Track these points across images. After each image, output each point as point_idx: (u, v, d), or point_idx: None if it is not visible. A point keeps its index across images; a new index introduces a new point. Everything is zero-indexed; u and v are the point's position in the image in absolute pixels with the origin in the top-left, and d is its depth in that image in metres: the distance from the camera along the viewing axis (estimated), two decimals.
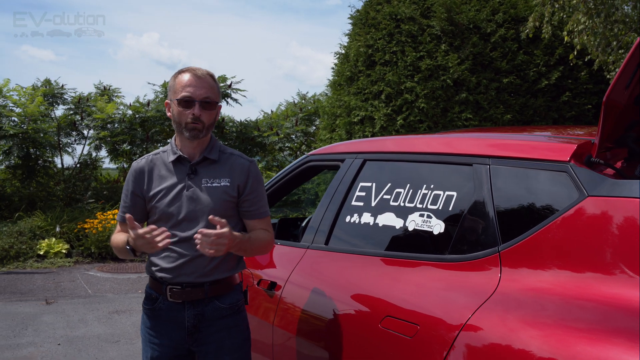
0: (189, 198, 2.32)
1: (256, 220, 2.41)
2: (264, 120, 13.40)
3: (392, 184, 2.48)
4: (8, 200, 11.37)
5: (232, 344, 2.37)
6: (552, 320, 1.64)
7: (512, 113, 7.75)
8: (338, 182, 2.74)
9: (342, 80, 9.01)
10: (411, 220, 2.31)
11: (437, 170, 2.33)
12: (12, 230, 9.52)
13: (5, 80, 11.37)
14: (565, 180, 1.82)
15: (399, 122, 7.96)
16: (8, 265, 8.87)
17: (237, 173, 2.38)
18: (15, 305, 6.60)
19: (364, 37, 8.57)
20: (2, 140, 11.00)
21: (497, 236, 1.94)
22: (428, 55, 7.98)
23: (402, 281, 2.18)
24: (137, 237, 2.14)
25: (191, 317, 2.33)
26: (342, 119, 8.73)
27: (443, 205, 2.21)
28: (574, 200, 1.77)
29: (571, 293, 1.67)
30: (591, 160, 1.80)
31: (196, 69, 2.35)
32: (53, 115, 12.08)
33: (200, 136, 2.32)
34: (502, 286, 1.84)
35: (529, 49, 7.89)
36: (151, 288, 2.41)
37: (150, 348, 2.39)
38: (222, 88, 12.22)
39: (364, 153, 2.73)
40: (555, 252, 1.77)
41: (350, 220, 2.59)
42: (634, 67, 1.61)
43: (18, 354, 4.95)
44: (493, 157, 2.09)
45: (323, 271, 2.61)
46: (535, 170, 1.93)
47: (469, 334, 1.80)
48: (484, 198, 2.04)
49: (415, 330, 1.97)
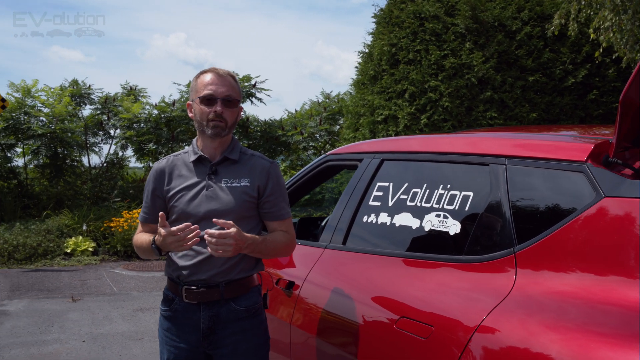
0: (209, 197, 2.32)
1: (277, 222, 2.41)
2: (288, 119, 13.44)
3: (409, 183, 2.46)
4: (36, 198, 11.58)
5: (248, 348, 2.35)
6: (569, 323, 1.61)
7: (537, 112, 7.66)
8: (356, 181, 2.73)
9: (365, 79, 8.99)
10: (427, 220, 2.29)
11: (454, 170, 2.30)
12: (40, 228, 9.69)
13: (33, 81, 11.57)
14: (582, 180, 1.79)
15: (422, 121, 7.92)
16: (36, 262, 9.03)
17: (257, 174, 2.38)
18: (42, 303, 6.71)
19: (387, 36, 8.54)
20: (31, 140, 11.20)
21: (513, 237, 1.91)
22: (452, 53, 7.92)
23: (418, 282, 2.16)
24: (168, 234, 2.14)
25: (206, 319, 2.32)
26: (365, 118, 8.71)
27: (459, 205, 2.19)
28: (590, 201, 1.74)
29: (587, 295, 1.64)
30: (609, 161, 1.76)
31: (218, 69, 2.37)
32: (80, 115, 12.27)
33: (222, 134, 2.33)
34: (517, 288, 1.81)
35: (555, 46, 7.78)
36: (168, 289, 2.42)
37: (167, 350, 2.40)
38: (246, 87, 12.27)
39: (382, 153, 2.71)
40: (571, 253, 1.74)
41: (368, 220, 2.57)
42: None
43: (44, 351, 5.03)
44: (510, 157, 2.06)
45: (340, 271, 2.60)
46: (551, 171, 1.90)
47: (483, 335, 1.78)
48: (500, 198, 2.01)
49: (429, 332, 1.96)
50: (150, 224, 2.42)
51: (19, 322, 5.88)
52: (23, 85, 11.40)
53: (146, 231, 2.43)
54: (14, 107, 11.09)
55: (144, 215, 2.44)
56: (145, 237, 2.36)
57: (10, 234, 9.41)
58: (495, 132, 2.55)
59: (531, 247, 1.84)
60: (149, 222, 2.43)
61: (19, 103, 11.23)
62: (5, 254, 8.97)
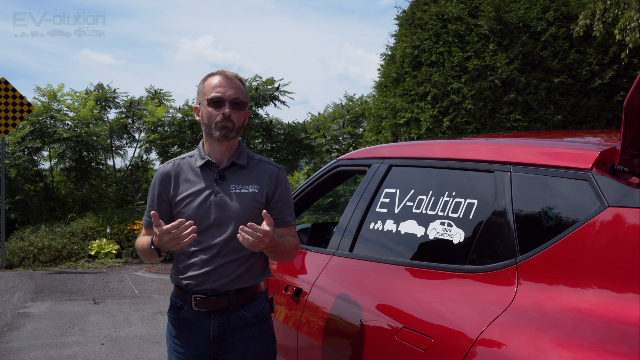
0: (217, 204, 2.29)
1: (284, 229, 2.38)
2: (312, 122, 13.41)
3: (415, 190, 2.41)
4: (62, 201, 11.74)
5: (257, 353, 2.35)
6: (569, 338, 1.55)
7: (563, 114, 7.50)
8: (364, 187, 2.69)
9: (388, 81, 8.91)
10: (432, 228, 2.24)
11: (459, 177, 2.25)
12: (65, 231, 9.81)
13: (59, 85, 11.75)
14: (587, 189, 1.72)
15: (445, 124, 7.81)
16: (60, 265, 9.14)
17: (266, 180, 2.35)
18: (64, 305, 6.77)
19: (410, 37, 8.45)
20: (57, 144, 11.36)
21: (516, 247, 1.85)
22: (475, 55, 7.80)
23: (420, 292, 2.12)
24: (162, 233, 2.11)
25: (216, 326, 2.31)
26: (387, 120, 8.63)
27: (464, 213, 2.13)
28: (594, 210, 1.67)
29: (588, 308, 1.57)
30: (615, 168, 1.69)
31: (226, 72, 2.35)
32: (106, 119, 12.41)
33: (230, 136, 2.29)
34: (517, 299, 1.76)
35: (582, 47, 7.61)
36: (176, 297, 2.40)
37: (176, 357, 2.38)
38: (269, 91, 12.28)
39: (390, 158, 2.67)
40: (573, 265, 1.67)
41: (375, 227, 2.53)
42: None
43: (63, 353, 5.06)
44: (514, 163, 1.99)
45: (346, 279, 2.56)
46: (556, 179, 1.84)
47: (481, 348, 1.73)
48: (504, 207, 1.95)
49: (429, 344, 1.91)
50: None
51: (40, 324, 5.94)
52: (49, 89, 11.57)
53: (149, 235, 2.39)
54: (40, 111, 11.26)
55: (147, 220, 2.41)
56: (146, 239, 2.33)
57: (35, 236, 9.54)
58: (503, 137, 2.48)
59: (533, 257, 1.78)
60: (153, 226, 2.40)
61: (45, 107, 11.40)
62: (30, 256, 9.10)
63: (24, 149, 11.39)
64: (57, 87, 11.68)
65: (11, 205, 10.49)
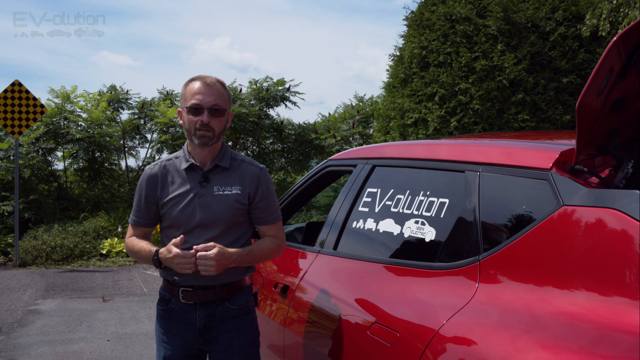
0: (202, 206, 2.36)
1: (266, 226, 2.46)
2: (322, 122, 13.46)
3: (394, 190, 2.47)
4: (75, 201, 11.88)
5: (242, 344, 2.42)
6: (520, 330, 1.59)
7: (571, 114, 7.46)
8: (349, 187, 2.76)
9: (396, 82, 8.92)
10: (407, 227, 2.29)
11: (434, 177, 2.30)
12: (77, 230, 9.93)
13: (72, 87, 11.91)
14: (546, 188, 1.75)
15: (452, 124, 7.81)
16: (73, 263, 9.25)
17: (247, 181, 2.41)
18: (74, 302, 6.87)
19: (418, 38, 8.46)
20: (70, 144, 11.51)
21: (480, 245, 1.90)
22: (483, 55, 7.80)
23: (393, 289, 2.17)
24: (177, 256, 2.21)
25: (202, 318, 2.38)
26: (395, 121, 8.65)
27: (436, 212, 2.18)
28: (550, 209, 1.70)
29: (540, 304, 1.61)
30: (575, 169, 1.72)
31: (206, 77, 2.38)
32: (119, 120, 12.54)
33: (210, 143, 2.35)
34: (477, 295, 1.80)
35: (591, 47, 7.58)
36: (164, 290, 2.48)
37: (164, 348, 2.45)
38: (280, 91, 12.35)
39: (374, 159, 2.72)
40: (530, 263, 1.71)
41: (357, 226, 2.59)
42: (606, 72, 1.52)
43: (69, 349, 5.15)
44: (484, 164, 2.03)
45: (328, 276, 2.62)
46: (520, 178, 1.87)
47: (440, 342, 1.78)
48: (472, 206, 1.99)
49: (395, 338, 1.97)
50: (143, 227, 2.49)
51: (49, 321, 6.03)
52: (62, 91, 11.72)
53: (137, 234, 2.49)
54: (54, 112, 11.42)
55: (135, 219, 2.49)
56: (142, 245, 2.41)
57: (48, 235, 9.67)
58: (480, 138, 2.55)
59: (493, 255, 1.82)
60: (141, 225, 2.48)
61: (59, 108, 11.56)
62: (43, 255, 9.23)
63: (38, 149, 11.54)
64: (71, 89, 11.85)
65: (25, 205, 10.64)
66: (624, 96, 1.63)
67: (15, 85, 9.02)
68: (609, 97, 1.59)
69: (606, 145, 1.72)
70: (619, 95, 1.62)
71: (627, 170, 1.62)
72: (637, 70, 1.58)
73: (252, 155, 12.96)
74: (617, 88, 1.59)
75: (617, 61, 1.52)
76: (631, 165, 1.62)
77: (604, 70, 1.52)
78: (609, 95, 1.59)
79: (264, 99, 12.27)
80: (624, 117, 1.68)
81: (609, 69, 1.52)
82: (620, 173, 1.64)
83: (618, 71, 1.54)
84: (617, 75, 1.56)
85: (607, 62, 1.50)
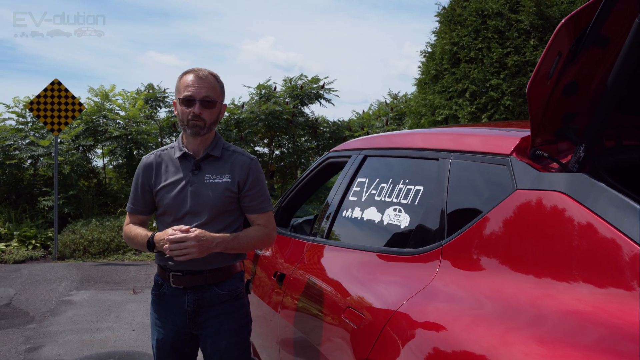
0: (193, 193, 2.43)
1: (256, 215, 2.51)
2: (356, 120, 13.47)
3: (379, 179, 2.50)
4: (114, 197, 12.17)
5: (230, 329, 2.48)
6: (471, 312, 1.61)
7: None
8: (342, 177, 2.81)
9: (427, 78, 8.86)
10: (387, 214, 2.32)
11: (413, 165, 2.33)
12: (114, 224, 10.17)
13: (111, 85, 12.21)
14: (505, 173, 1.76)
15: (483, 121, 7.72)
16: (109, 257, 9.49)
17: (237, 170, 2.48)
18: (105, 294, 7.05)
19: (449, 34, 8.38)
20: (108, 142, 11.79)
21: (445, 230, 1.92)
22: (515, 51, 7.68)
23: (367, 274, 2.21)
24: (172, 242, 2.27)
25: (191, 302, 2.46)
26: (426, 118, 8.59)
27: (411, 199, 2.21)
28: (506, 194, 1.70)
29: (494, 288, 1.61)
30: (536, 154, 1.70)
31: (199, 70, 2.45)
32: (157, 117, 12.79)
33: (201, 133, 2.43)
34: (436, 279, 1.83)
35: None
36: (158, 275, 2.57)
37: (157, 331, 2.54)
38: (314, 89, 12.40)
39: (365, 149, 2.76)
40: (485, 247, 1.72)
41: (346, 215, 2.64)
42: (554, 56, 1.50)
43: (95, 337, 5.30)
44: (454, 151, 2.05)
45: (317, 264, 2.69)
46: (484, 164, 1.88)
47: (396, 323, 1.82)
48: (441, 192, 2.01)
49: (361, 320, 2.02)
50: (139, 215, 2.56)
51: (80, 311, 6.21)
52: (101, 90, 12.02)
53: (134, 222, 2.57)
54: (93, 110, 11.72)
55: (131, 207, 2.57)
56: (139, 231, 2.49)
57: (86, 229, 9.94)
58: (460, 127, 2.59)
59: (453, 240, 1.85)
60: (137, 213, 2.57)
61: (98, 107, 11.86)
62: (81, 248, 9.49)
63: (78, 146, 11.87)
64: (109, 88, 12.14)
65: (65, 200, 10.95)
66: (575, 80, 1.61)
67: (54, 84, 9.29)
68: (560, 81, 1.58)
69: (563, 130, 1.71)
70: (571, 79, 1.60)
71: (579, 155, 1.61)
72: (587, 54, 1.56)
73: (287, 152, 13.05)
74: (568, 72, 1.58)
75: (565, 45, 1.51)
76: (582, 149, 1.60)
77: (553, 54, 1.51)
78: (560, 80, 1.58)
79: (298, 97, 12.34)
80: (578, 102, 1.67)
81: (557, 52, 1.51)
82: (573, 157, 1.63)
83: (567, 55, 1.52)
84: (567, 59, 1.54)
85: (555, 46, 1.49)
